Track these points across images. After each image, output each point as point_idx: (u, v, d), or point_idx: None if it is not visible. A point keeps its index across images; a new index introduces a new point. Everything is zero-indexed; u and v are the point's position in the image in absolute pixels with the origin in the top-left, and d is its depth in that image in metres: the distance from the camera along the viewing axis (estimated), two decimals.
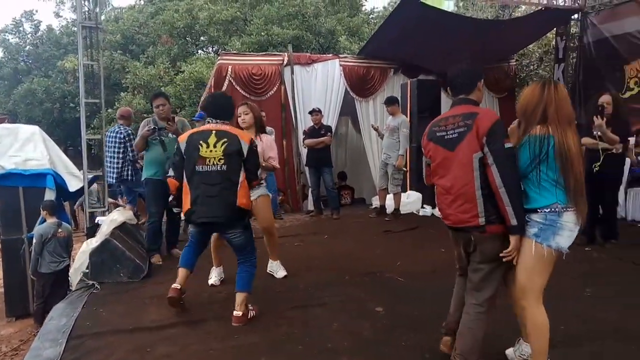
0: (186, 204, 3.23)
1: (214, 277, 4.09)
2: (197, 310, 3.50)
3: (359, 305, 3.58)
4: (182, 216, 3.58)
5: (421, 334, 3.04)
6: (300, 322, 3.27)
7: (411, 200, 7.31)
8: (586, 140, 4.82)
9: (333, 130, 7.77)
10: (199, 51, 17.52)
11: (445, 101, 8.89)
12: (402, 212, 6.90)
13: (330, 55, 9.00)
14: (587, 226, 5.31)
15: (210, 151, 3.14)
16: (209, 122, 3.31)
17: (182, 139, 3.29)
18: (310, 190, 7.68)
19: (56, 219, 6.25)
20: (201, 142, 3.17)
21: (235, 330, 3.16)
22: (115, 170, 5.73)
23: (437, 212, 7.09)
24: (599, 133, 4.76)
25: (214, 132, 3.20)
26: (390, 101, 6.84)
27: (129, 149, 5.74)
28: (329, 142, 7.06)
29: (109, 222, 4.55)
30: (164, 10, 17.05)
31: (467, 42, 7.71)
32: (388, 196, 6.97)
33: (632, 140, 5.90)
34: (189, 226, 3.45)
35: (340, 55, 8.93)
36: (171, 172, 3.32)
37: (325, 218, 7.16)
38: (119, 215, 4.68)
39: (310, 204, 7.86)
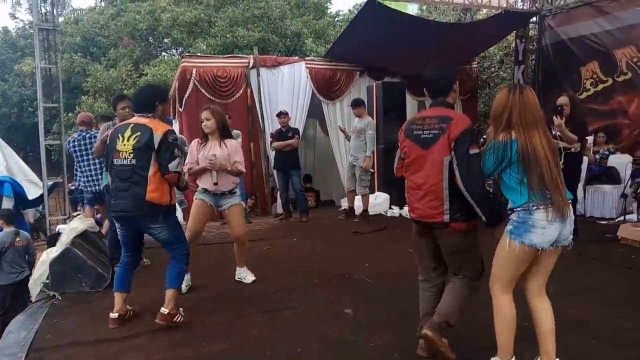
0: None
1: None
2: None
3: (327, 307, 3.57)
4: None
5: (390, 334, 3.06)
6: (269, 327, 3.24)
7: (379, 202, 7.37)
8: None
9: (300, 132, 7.77)
10: (163, 53, 17.25)
11: (411, 103, 9.05)
12: (370, 213, 6.95)
13: (296, 57, 9.01)
14: None
15: (124, 145, 3.12)
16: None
17: (109, 133, 3.35)
18: (278, 193, 7.65)
19: (14, 228, 6.02)
20: (119, 135, 3.17)
21: (203, 337, 3.10)
22: (99, 177, 5.22)
23: (404, 212, 7.18)
24: (558, 133, 4.93)
25: (131, 125, 3.18)
26: (357, 103, 6.89)
27: None
28: (296, 144, 7.05)
29: (69, 230, 4.40)
30: (125, 12, 16.70)
31: (431, 44, 7.85)
32: (356, 198, 7.01)
33: (590, 139, 6.12)
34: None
35: (307, 58, 8.95)
36: None
37: (294, 221, 7.14)
38: (80, 224, 4.52)
39: (279, 207, 7.83)
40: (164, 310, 3.18)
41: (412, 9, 11.83)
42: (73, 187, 6.90)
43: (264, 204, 8.32)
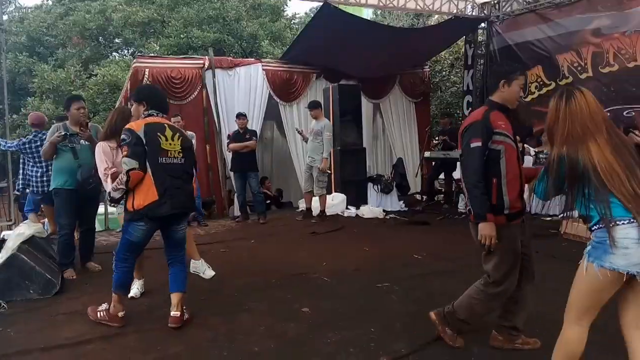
0: (148, 197, 3.07)
1: (135, 288, 3.93)
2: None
3: (285, 307, 3.60)
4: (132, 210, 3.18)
5: (346, 330, 3.12)
6: (226, 328, 3.23)
7: (336, 202, 7.46)
8: None
9: (258, 134, 7.76)
10: (114, 54, 16.76)
11: (366, 105, 9.21)
12: (327, 214, 7.02)
13: (253, 59, 9.00)
14: None
15: (170, 144, 3.19)
16: (151, 115, 3.23)
17: (138, 127, 3.09)
18: (235, 195, 7.61)
19: None
20: (159, 134, 3.16)
21: (156, 341, 3.05)
22: (49, 179, 5.08)
23: (360, 212, 7.30)
24: None
25: (166, 125, 3.24)
26: (313, 105, 6.95)
27: None
28: (253, 146, 7.04)
29: (15, 236, 4.22)
30: (74, 11, 16.11)
31: (385, 48, 8.03)
32: (314, 198, 7.07)
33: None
34: (136, 227, 3.14)
35: (263, 60, 8.95)
36: (133, 164, 3.01)
37: (252, 223, 7.11)
38: (27, 229, 4.34)
39: (236, 210, 7.78)
40: (176, 313, 3.22)
41: (367, 14, 12.04)
42: (18, 192, 6.62)
43: (220, 207, 8.24)
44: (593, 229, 2.07)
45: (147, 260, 4.06)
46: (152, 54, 10.37)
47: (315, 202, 7.05)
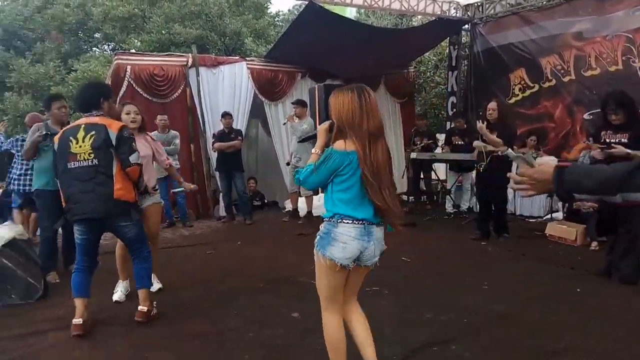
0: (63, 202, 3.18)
1: (119, 291, 3.86)
2: (99, 330, 3.25)
3: (274, 312, 3.56)
4: None
5: None
6: (214, 335, 3.18)
7: (323, 203, 7.40)
8: (477, 143, 5.33)
9: (243, 133, 7.68)
10: (94, 49, 16.44)
11: None
12: (314, 215, 6.98)
13: (237, 57, 8.89)
14: (481, 222, 5.79)
15: (80, 146, 3.07)
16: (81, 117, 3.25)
17: (56, 138, 3.19)
18: (221, 195, 7.53)
19: None
20: (71, 138, 3.09)
21: (144, 348, 2.99)
22: (31, 178, 4.98)
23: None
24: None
25: (82, 126, 3.13)
26: (300, 103, 6.91)
27: None
28: (239, 146, 6.97)
29: None
30: (52, 5, 15.75)
31: (370, 48, 8.01)
32: (300, 199, 7.02)
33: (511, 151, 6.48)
34: (75, 230, 3.24)
35: (247, 58, 8.86)
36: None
37: (237, 224, 7.05)
38: (8, 231, 4.22)
39: (222, 210, 7.70)
40: (142, 308, 3.29)
41: (351, 13, 12.02)
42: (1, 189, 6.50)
43: (205, 207, 8.14)
44: (325, 220, 2.28)
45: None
46: (133, 50, 10.21)
47: (302, 203, 7.02)
